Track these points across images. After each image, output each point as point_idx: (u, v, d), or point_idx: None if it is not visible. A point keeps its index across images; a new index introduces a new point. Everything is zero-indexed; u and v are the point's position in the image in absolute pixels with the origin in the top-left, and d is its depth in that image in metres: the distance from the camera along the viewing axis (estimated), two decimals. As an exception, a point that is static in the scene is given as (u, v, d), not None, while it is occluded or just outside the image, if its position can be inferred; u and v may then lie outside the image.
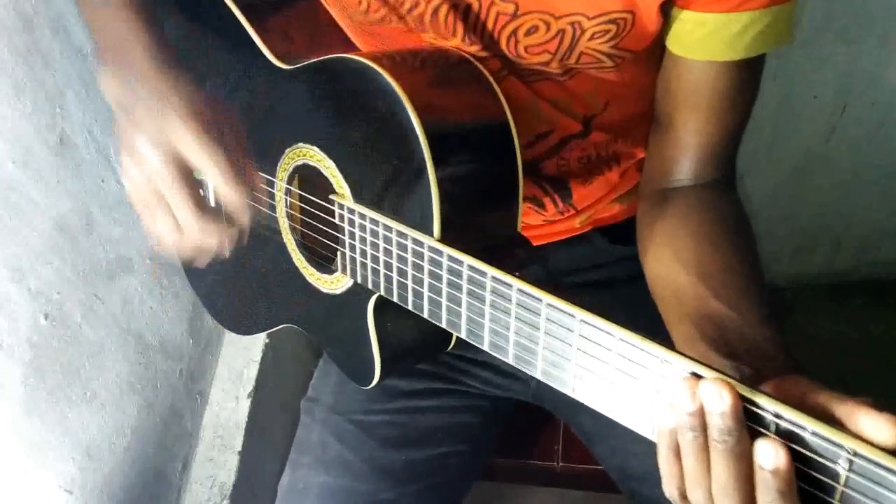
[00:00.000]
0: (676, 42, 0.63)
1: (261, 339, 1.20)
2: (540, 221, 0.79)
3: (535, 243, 0.79)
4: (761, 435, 0.39)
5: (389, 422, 0.81)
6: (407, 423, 0.81)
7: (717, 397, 0.39)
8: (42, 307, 0.81)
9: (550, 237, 0.80)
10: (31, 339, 0.80)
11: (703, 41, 0.61)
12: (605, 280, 0.82)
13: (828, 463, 0.37)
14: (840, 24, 1.21)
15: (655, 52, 0.66)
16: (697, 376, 0.41)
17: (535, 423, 0.99)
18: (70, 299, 0.86)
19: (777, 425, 0.39)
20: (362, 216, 0.63)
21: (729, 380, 0.40)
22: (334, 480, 0.78)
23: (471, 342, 0.56)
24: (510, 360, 0.53)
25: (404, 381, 0.83)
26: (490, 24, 0.64)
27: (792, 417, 0.38)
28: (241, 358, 1.18)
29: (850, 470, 0.36)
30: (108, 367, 0.92)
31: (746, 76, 0.63)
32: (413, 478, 0.79)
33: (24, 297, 0.79)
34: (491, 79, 0.63)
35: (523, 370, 0.52)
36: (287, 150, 0.71)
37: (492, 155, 0.63)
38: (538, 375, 0.51)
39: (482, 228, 0.64)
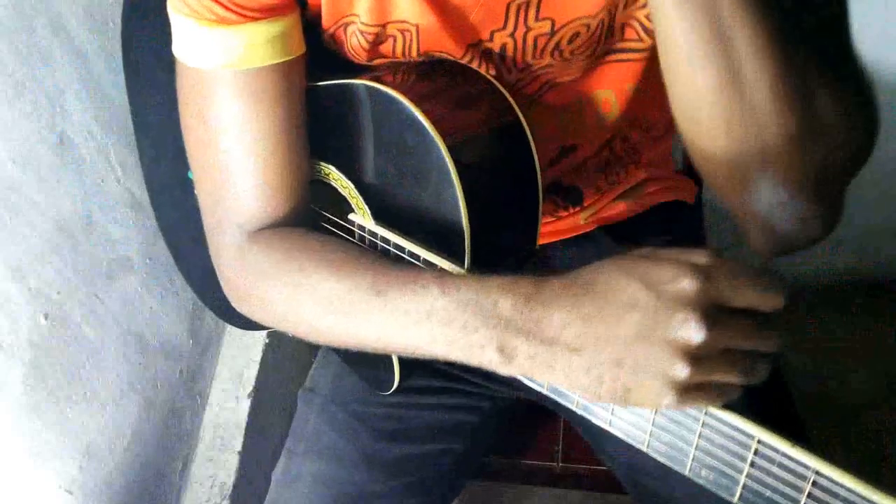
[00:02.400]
0: None
1: (261, 339, 1.20)
2: (546, 219, 0.79)
3: (539, 242, 0.80)
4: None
5: (386, 415, 0.81)
6: (403, 417, 0.82)
7: None
8: (42, 307, 0.81)
9: (555, 235, 0.80)
10: (31, 339, 0.79)
11: None
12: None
13: None
14: (840, 23, 1.21)
15: None
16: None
17: (535, 423, 0.99)
18: (70, 299, 0.86)
19: (815, 481, 0.40)
20: (385, 240, 0.63)
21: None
22: (326, 469, 0.78)
23: None
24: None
25: None
26: (529, 53, 0.64)
27: (831, 475, 0.40)
28: (241, 358, 1.18)
29: None
30: (108, 367, 0.92)
31: None
32: (405, 471, 0.79)
33: (24, 297, 0.79)
34: (508, 95, 0.63)
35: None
36: None
37: (516, 175, 0.63)
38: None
39: (506, 251, 0.64)
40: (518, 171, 0.63)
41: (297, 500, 0.78)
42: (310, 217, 0.70)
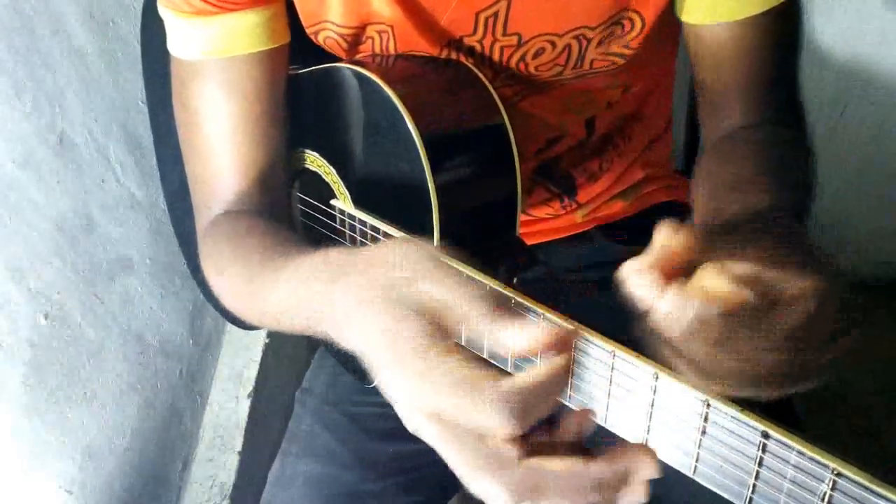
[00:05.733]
0: (690, 12, 0.62)
1: (261, 339, 1.20)
2: (543, 215, 0.79)
3: (536, 241, 0.80)
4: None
5: (380, 414, 0.81)
6: (397, 416, 0.81)
7: None
8: (42, 307, 0.81)
9: (552, 234, 0.80)
10: (31, 339, 0.80)
11: (713, 3, 0.60)
12: (605, 279, 0.82)
13: (812, 482, 0.38)
14: (839, 23, 1.21)
15: (666, 31, 0.66)
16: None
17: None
18: (70, 299, 0.86)
19: (764, 445, 0.39)
20: (363, 222, 0.63)
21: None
22: (320, 468, 0.79)
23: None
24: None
25: None
26: (496, 58, 0.65)
27: (780, 438, 0.39)
28: (241, 358, 1.18)
29: (833, 489, 0.37)
30: (108, 367, 0.92)
31: (771, 26, 0.62)
32: (399, 470, 0.79)
33: (24, 297, 0.79)
34: (487, 83, 0.63)
35: None
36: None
37: (490, 160, 0.64)
38: None
39: (481, 234, 0.64)
40: (495, 156, 0.63)
41: (291, 501, 0.78)
42: (284, 204, 0.71)
